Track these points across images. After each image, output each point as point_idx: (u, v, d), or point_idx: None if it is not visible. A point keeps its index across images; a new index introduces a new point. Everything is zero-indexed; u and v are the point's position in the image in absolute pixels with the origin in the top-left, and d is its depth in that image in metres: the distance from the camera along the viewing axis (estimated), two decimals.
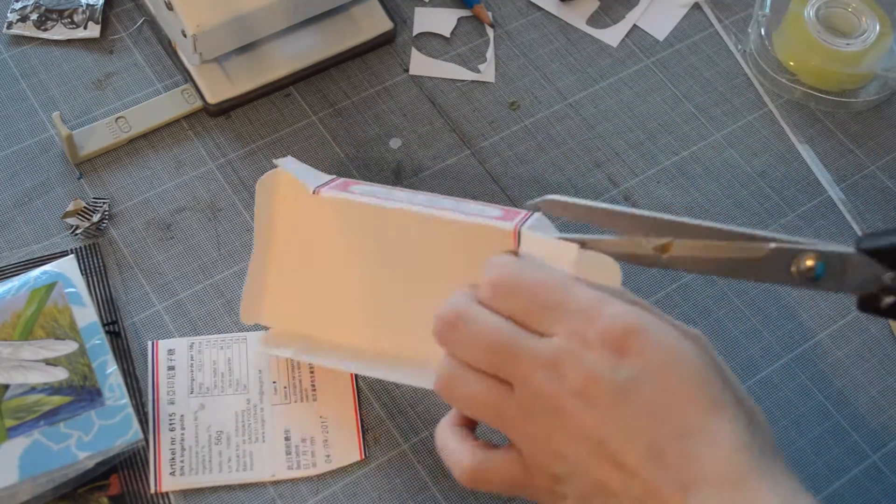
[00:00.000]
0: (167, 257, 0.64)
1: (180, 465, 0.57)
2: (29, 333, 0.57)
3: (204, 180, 0.67)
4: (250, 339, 0.61)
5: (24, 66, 0.71)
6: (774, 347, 0.65)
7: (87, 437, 0.55)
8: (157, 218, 0.66)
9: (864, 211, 0.71)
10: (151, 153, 0.68)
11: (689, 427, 0.42)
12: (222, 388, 0.59)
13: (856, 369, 0.64)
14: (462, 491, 0.58)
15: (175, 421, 0.58)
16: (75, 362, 0.57)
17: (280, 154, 0.69)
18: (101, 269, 0.63)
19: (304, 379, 0.60)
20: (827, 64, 0.73)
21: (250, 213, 0.66)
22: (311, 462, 0.58)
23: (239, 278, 0.64)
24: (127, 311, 0.62)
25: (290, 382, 0.60)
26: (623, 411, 0.43)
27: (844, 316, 0.66)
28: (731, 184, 0.71)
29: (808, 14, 0.74)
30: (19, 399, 0.55)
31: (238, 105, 0.70)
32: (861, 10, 0.75)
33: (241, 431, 0.58)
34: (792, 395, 0.63)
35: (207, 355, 0.60)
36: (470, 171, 0.70)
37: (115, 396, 0.56)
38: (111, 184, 0.67)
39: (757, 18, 0.77)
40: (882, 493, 0.60)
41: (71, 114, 0.69)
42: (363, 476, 0.58)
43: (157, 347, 0.61)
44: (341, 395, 0.60)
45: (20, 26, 0.72)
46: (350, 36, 0.73)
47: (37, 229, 0.64)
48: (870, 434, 0.62)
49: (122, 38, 0.73)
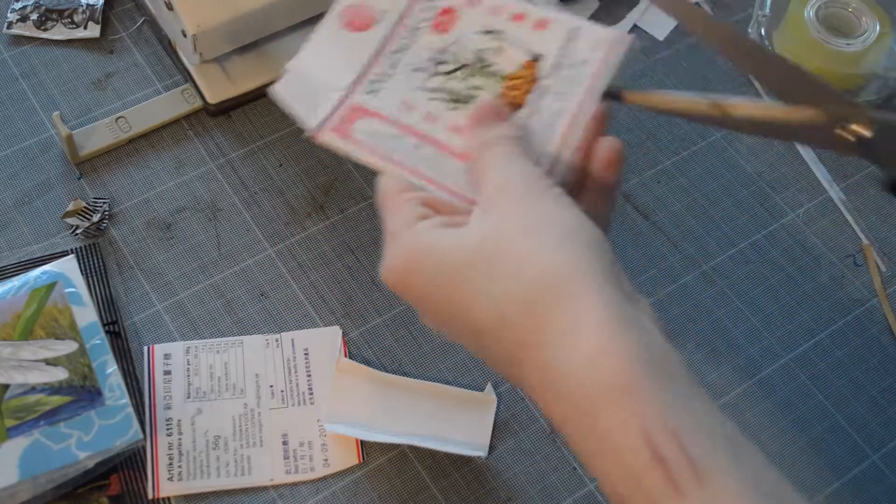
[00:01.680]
0: (167, 257, 0.64)
1: (178, 470, 0.57)
2: (29, 333, 0.57)
3: (204, 180, 0.67)
4: (247, 343, 0.61)
5: (24, 66, 0.71)
6: (774, 347, 0.65)
7: (87, 436, 0.55)
8: (157, 218, 0.66)
9: (864, 211, 0.71)
10: (151, 153, 0.68)
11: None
12: (219, 393, 0.59)
13: (856, 369, 0.64)
14: (462, 491, 0.58)
15: (172, 426, 0.58)
16: (75, 362, 0.57)
17: (280, 153, 0.69)
18: (101, 269, 0.63)
19: (301, 382, 0.60)
20: (827, 64, 0.73)
21: (250, 212, 0.66)
22: (310, 466, 0.58)
23: (239, 278, 0.64)
24: (127, 311, 0.62)
25: (287, 386, 0.60)
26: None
27: (844, 316, 0.66)
28: (731, 184, 0.71)
29: (808, 14, 0.74)
30: (19, 399, 0.55)
31: (238, 105, 0.70)
32: (861, 10, 0.74)
33: (239, 436, 0.58)
34: (792, 395, 0.63)
35: (204, 359, 0.60)
36: None
37: (115, 396, 0.56)
38: (111, 184, 0.67)
39: (757, 18, 0.77)
40: (882, 493, 0.60)
41: (71, 114, 0.69)
42: (363, 476, 0.58)
43: (154, 352, 0.61)
44: None
45: (20, 26, 0.72)
46: None
47: (37, 229, 0.64)
48: (870, 434, 0.62)
49: (122, 38, 0.73)
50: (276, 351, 0.61)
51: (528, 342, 0.40)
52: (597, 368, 0.38)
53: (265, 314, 0.63)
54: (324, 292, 0.64)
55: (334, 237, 0.66)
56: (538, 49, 0.49)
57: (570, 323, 0.39)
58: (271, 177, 0.68)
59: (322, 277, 0.64)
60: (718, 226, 0.69)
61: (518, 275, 0.41)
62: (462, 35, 0.51)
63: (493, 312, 0.41)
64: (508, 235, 0.42)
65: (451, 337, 0.45)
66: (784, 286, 0.67)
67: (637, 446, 0.37)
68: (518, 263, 0.41)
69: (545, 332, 0.40)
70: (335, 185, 0.68)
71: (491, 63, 0.50)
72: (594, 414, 0.38)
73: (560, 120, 0.47)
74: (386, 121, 0.49)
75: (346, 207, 0.67)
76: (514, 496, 0.58)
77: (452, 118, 0.49)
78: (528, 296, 0.40)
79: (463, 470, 0.59)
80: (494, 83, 0.49)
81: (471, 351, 0.45)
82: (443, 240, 0.43)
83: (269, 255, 0.65)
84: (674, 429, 0.37)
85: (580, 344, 0.39)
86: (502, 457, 0.59)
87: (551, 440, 0.60)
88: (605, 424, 0.38)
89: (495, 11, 0.51)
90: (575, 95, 0.48)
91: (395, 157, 0.48)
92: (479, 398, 0.60)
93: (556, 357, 0.39)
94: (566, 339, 0.39)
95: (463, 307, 0.42)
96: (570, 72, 0.48)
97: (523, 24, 0.50)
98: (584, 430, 0.39)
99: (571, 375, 0.39)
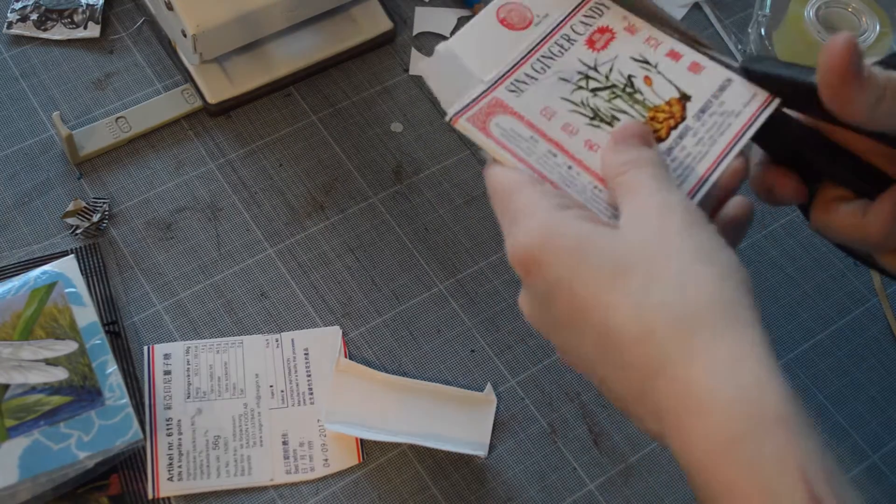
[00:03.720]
0: (167, 257, 0.64)
1: (178, 470, 0.57)
2: (29, 333, 0.57)
3: (204, 180, 0.67)
4: (247, 343, 0.61)
5: (24, 66, 0.71)
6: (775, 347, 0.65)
7: (87, 436, 0.55)
8: (157, 218, 0.66)
9: None
10: (151, 153, 0.68)
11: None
12: (219, 393, 0.59)
13: (856, 369, 0.64)
14: (462, 491, 0.58)
15: (172, 426, 0.58)
16: (75, 362, 0.57)
17: (280, 153, 0.69)
18: (101, 269, 0.63)
19: (300, 382, 0.60)
20: None
21: (250, 212, 0.66)
22: (310, 466, 0.58)
23: (239, 278, 0.64)
24: (127, 311, 0.62)
25: (287, 386, 0.60)
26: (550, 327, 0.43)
27: (844, 316, 0.66)
28: None
29: (808, 14, 0.74)
30: (19, 399, 0.55)
31: (238, 105, 0.70)
32: (861, 10, 0.74)
33: (239, 436, 0.58)
34: None
35: (204, 359, 0.60)
36: (470, 171, 0.70)
37: (115, 396, 0.56)
38: (111, 184, 0.67)
39: (757, 18, 0.77)
40: (882, 494, 0.60)
41: (71, 114, 0.69)
42: (363, 476, 0.58)
43: (154, 352, 0.61)
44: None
45: (20, 26, 0.72)
46: (350, 36, 0.73)
47: (37, 229, 0.64)
48: (870, 434, 0.62)
49: (122, 38, 0.73)
50: (276, 351, 0.61)
51: (678, 359, 0.39)
52: (753, 398, 0.38)
53: (265, 314, 0.63)
54: (324, 292, 0.64)
55: (334, 237, 0.66)
56: (688, 89, 0.50)
57: (729, 350, 0.39)
58: (271, 177, 0.68)
59: (322, 277, 0.65)
60: None
61: (680, 292, 0.40)
62: (615, 57, 0.51)
63: (643, 320, 0.40)
64: (671, 257, 0.40)
65: (564, 341, 0.43)
66: (784, 286, 0.67)
67: (792, 482, 0.36)
68: (682, 281, 0.40)
69: (701, 354, 0.39)
70: (335, 185, 0.68)
71: (639, 90, 0.50)
72: (743, 442, 0.37)
73: (701, 163, 0.47)
74: (524, 122, 0.49)
75: (346, 207, 0.67)
76: (514, 496, 0.58)
77: (590, 134, 0.49)
78: (686, 313, 0.39)
79: (463, 470, 0.59)
80: (639, 111, 0.49)
81: (579, 358, 0.43)
82: (595, 232, 0.42)
83: (269, 255, 0.65)
84: (827, 471, 0.37)
85: (738, 372, 0.38)
86: (502, 457, 0.59)
87: (551, 440, 0.60)
88: (756, 454, 0.37)
89: (653, 44, 0.51)
90: (719, 144, 0.48)
91: (527, 158, 0.48)
92: (478, 398, 0.60)
93: (710, 378, 0.38)
94: (724, 364, 0.38)
95: (605, 306, 0.40)
96: (718, 119, 0.48)
97: (678, 63, 0.51)
98: (727, 457, 0.38)
99: (723, 400, 0.38)
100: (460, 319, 0.64)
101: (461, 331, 0.63)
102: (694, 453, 0.38)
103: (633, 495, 0.59)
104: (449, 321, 0.64)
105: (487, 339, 0.63)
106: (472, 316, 0.64)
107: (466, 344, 0.63)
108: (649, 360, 0.40)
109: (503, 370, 0.62)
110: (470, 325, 0.64)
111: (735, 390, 0.38)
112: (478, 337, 0.63)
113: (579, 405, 0.62)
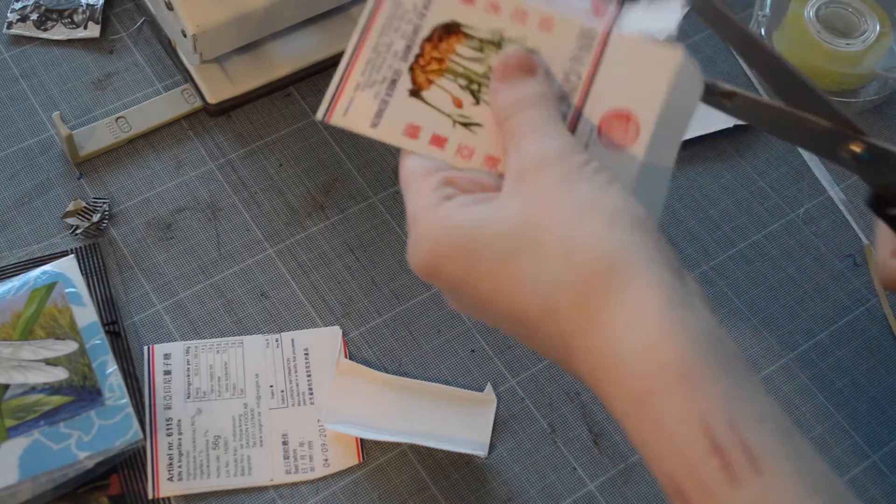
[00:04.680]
0: (167, 257, 0.64)
1: (178, 470, 0.57)
2: (29, 333, 0.57)
3: (204, 180, 0.67)
4: (247, 343, 0.61)
5: (24, 66, 0.71)
6: (774, 347, 0.65)
7: (87, 436, 0.55)
8: (157, 218, 0.66)
9: (864, 211, 0.70)
10: (151, 153, 0.68)
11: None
12: (219, 393, 0.59)
13: (856, 369, 0.64)
14: (462, 491, 0.58)
15: (172, 426, 0.58)
16: (75, 362, 0.57)
17: (280, 153, 0.69)
18: (101, 269, 0.63)
19: (301, 382, 0.60)
20: (827, 64, 0.73)
21: (250, 212, 0.66)
22: (310, 466, 0.58)
23: (239, 278, 0.64)
24: (127, 311, 0.62)
25: (287, 386, 0.60)
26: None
27: (844, 316, 0.66)
28: (731, 183, 0.71)
29: (808, 14, 0.74)
30: (19, 399, 0.55)
31: (238, 105, 0.70)
32: (861, 10, 0.74)
33: (239, 436, 0.58)
34: (792, 395, 0.63)
35: (204, 359, 0.60)
36: None
37: (115, 396, 0.56)
38: (111, 184, 0.67)
39: (757, 18, 0.77)
40: (882, 494, 0.60)
41: (71, 114, 0.69)
42: (363, 476, 0.58)
43: (153, 352, 0.61)
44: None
45: (20, 26, 0.72)
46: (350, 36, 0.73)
47: (37, 229, 0.64)
48: (870, 434, 0.62)
49: (122, 38, 0.73)
50: (276, 351, 0.61)
51: (581, 328, 0.39)
52: (652, 354, 0.38)
53: (265, 314, 0.63)
54: (324, 292, 0.64)
55: (334, 237, 0.66)
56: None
57: (624, 308, 0.39)
58: (271, 177, 0.68)
59: (322, 277, 0.65)
60: (718, 226, 0.69)
61: (569, 262, 0.40)
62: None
63: (542, 300, 0.40)
64: (552, 221, 0.40)
65: (489, 323, 0.44)
66: (784, 286, 0.67)
67: (694, 435, 0.36)
68: (567, 250, 0.40)
69: (599, 318, 0.39)
70: (335, 185, 0.68)
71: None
72: (649, 401, 0.37)
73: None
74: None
75: (346, 207, 0.67)
76: (514, 496, 0.58)
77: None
78: (580, 283, 0.39)
79: (463, 470, 0.59)
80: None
81: (510, 335, 0.44)
82: (480, 218, 0.42)
83: (269, 255, 0.65)
84: (731, 417, 0.36)
85: (635, 329, 0.38)
86: (502, 457, 0.59)
87: (551, 440, 0.60)
88: (660, 411, 0.37)
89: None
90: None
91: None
92: (478, 398, 0.60)
93: (611, 342, 0.39)
94: (620, 324, 0.38)
95: (506, 295, 0.41)
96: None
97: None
98: (638, 417, 0.38)
99: (627, 361, 0.38)
100: (460, 319, 0.64)
101: (461, 331, 0.63)
102: (616, 416, 0.39)
103: (633, 495, 0.59)
104: (449, 321, 0.64)
105: (487, 339, 0.63)
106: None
107: (466, 344, 0.63)
108: (558, 335, 0.40)
109: (503, 370, 0.62)
110: (470, 325, 0.64)
111: (634, 349, 0.38)
112: (478, 337, 0.63)
113: (579, 405, 0.62)
